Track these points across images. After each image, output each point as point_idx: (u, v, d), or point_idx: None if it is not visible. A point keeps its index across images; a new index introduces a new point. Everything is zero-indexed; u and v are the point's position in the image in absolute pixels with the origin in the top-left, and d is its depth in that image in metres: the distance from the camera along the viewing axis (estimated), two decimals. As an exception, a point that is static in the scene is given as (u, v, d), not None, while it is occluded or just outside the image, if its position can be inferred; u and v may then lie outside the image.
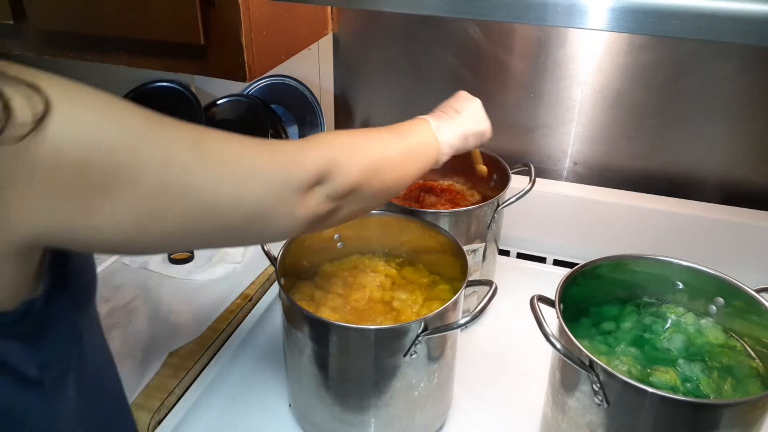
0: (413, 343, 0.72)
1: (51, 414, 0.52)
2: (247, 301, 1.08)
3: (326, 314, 0.83)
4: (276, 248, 0.84)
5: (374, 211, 0.92)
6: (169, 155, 0.46)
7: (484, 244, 1.00)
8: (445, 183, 1.15)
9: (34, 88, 0.39)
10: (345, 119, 1.38)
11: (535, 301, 0.71)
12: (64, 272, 0.51)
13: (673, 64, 1.10)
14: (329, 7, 1.23)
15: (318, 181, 0.57)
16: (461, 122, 0.79)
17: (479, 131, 0.82)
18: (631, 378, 0.65)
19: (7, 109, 0.37)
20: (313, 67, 1.33)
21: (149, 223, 0.46)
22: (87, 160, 0.41)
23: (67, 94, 0.41)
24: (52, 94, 0.40)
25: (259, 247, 0.85)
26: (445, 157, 0.76)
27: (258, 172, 0.53)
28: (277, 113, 1.33)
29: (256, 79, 1.28)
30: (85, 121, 0.42)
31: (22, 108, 0.38)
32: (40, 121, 0.38)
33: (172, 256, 1.16)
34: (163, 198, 0.46)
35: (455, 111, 0.80)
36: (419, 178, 0.83)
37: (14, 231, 0.41)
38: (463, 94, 0.84)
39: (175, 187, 0.46)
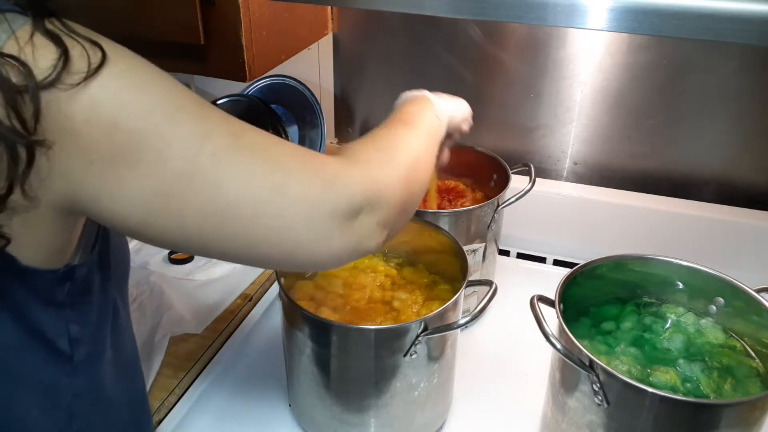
0: (413, 343, 0.72)
1: (76, 392, 0.53)
2: (247, 301, 1.08)
3: (326, 314, 0.83)
4: (276, 248, 0.84)
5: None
6: (203, 138, 0.44)
7: (484, 244, 1.00)
8: (451, 183, 1.15)
9: (95, 44, 0.41)
10: (345, 119, 1.38)
11: (535, 301, 0.71)
12: (105, 247, 0.52)
13: (673, 64, 1.10)
14: (329, 7, 1.23)
15: (365, 208, 0.51)
16: (451, 103, 0.78)
17: (463, 115, 0.81)
18: (631, 378, 0.65)
19: (66, 56, 0.39)
20: (313, 67, 1.33)
21: (167, 208, 0.44)
22: (119, 120, 0.41)
23: (123, 56, 0.42)
24: (110, 53, 0.41)
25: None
26: (444, 132, 0.74)
27: (293, 186, 0.47)
28: (277, 113, 1.33)
29: (256, 79, 1.27)
30: (131, 83, 0.42)
31: (79, 58, 0.40)
32: (94, 71, 0.40)
33: (172, 256, 1.16)
34: (186, 182, 0.44)
35: (445, 95, 0.79)
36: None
37: (53, 183, 0.41)
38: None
39: (200, 173, 0.44)
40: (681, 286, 0.81)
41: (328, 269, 0.51)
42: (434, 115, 0.71)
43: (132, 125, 0.41)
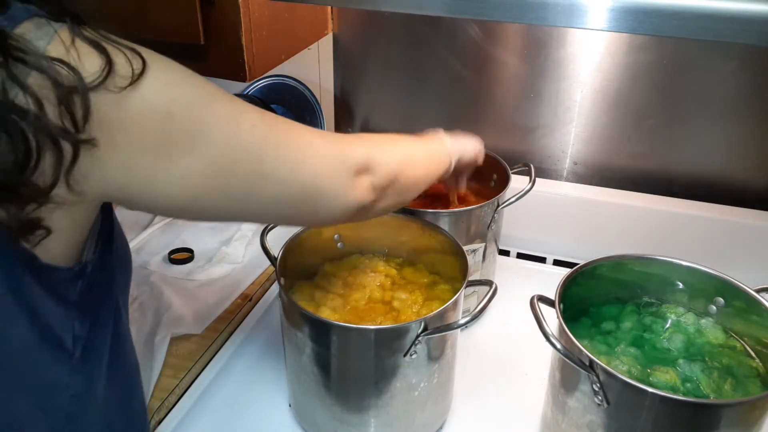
0: (413, 343, 0.72)
1: (74, 393, 0.53)
2: (247, 301, 1.08)
3: (326, 314, 0.83)
4: (276, 248, 0.84)
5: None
6: (240, 117, 0.51)
7: (484, 244, 1.00)
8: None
9: (134, 51, 0.45)
10: (345, 119, 1.38)
11: (535, 301, 0.71)
12: (108, 249, 0.55)
13: (673, 64, 1.10)
14: (329, 7, 1.23)
15: (365, 169, 0.62)
16: (464, 141, 0.88)
17: (475, 150, 0.90)
18: (631, 378, 0.65)
19: (110, 62, 0.43)
20: (313, 67, 1.33)
21: (216, 183, 0.50)
22: (171, 112, 0.46)
23: (159, 59, 0.47)
24: (147, 57, 0.46)
25: (259, 247, 0.86)
26: (452, 166, 0.83)
27: (316, 146, 0.58)
28: (277, 113, 1.33)
29: (256, 79, 1.28)
30: (172, 80, 0.48)
31: (122, 64, 0.44)
32: (139, 75, 0.44)
33: (172, 256, 1.16)
34: (233, 155, 0.51)
35: (458, 134, 0.88)
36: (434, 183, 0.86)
37: (99, 176, 0.45)
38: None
39: (242, 148, 0.51)
40: (681, 286, 0.81)
41: (340, 220, 0.65)
42: (442, 145, 0.82)
43: (183, 114, 0.47)
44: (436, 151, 0.81)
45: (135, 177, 0.47)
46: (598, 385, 0.65)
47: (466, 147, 0.87)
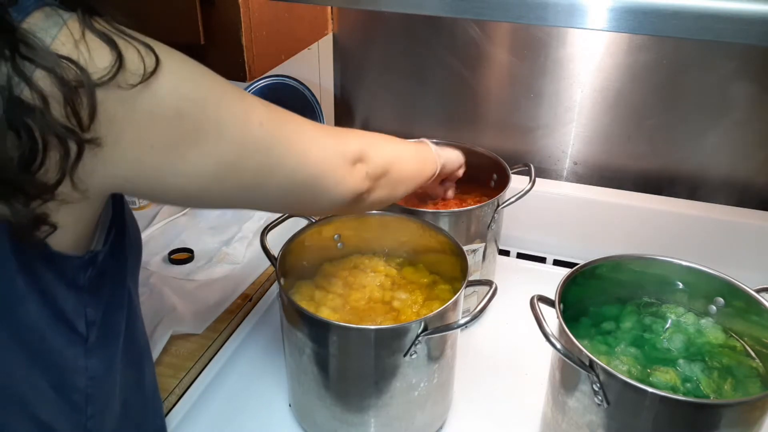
0: (413, 343, 0.72)
1: (92, 375, 0.55)
2: (247, 301, 1.08)
3: (326, 314, 0.83)
4: (276, 248, 0.84)
5: (374, 211, 0.92)
6: (249, 112, 0.53)
7: (484, 244, 1.00)
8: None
9: (147, 46, 0.44)
10: (345, 119, 1.38)
11: (535, 301, 0.71)
12: (122, 236, 0.56)
13: (673, 64, 1.10)
14: (329, 7, 1.23)
15: (360, 159, 0.65)
16: (448, 151, 0.93)
17: (459, 161, 0.95)
18: (631, 378, 0.65)
19: (120, 58, 0.42)
20: (313, 67, 1.33)
21: (227, 175, 0.52)
22: (182, 109, 0.46)
23: (172, 56, 0.47)
24: (161, 53, 0.45)
25: (259, 247, 0.86)
26: (439, 169, 0.87)
27: (318, 139, 0.60)
28: (277, 113, 1.33)
29: (256, 79, 1.28)
30: (184, 77, 0.47)
31: (134, 60, 0.43)
32: (151, 73, 0.44)
33: (172, 257, 1.16)
34: (242, 150, 0.52)
35: (445, 146, 0.93)
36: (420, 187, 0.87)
37: (105, 173, 0.45)
38: None
39: (252, 141, 0.53)
40: (681, 286, 0.81)
41: (336, 210, 0.74)
42: (428, 148, 0.87)
43: (193, 112, 0.47)
44: (425, 153, 0.86)
45: (144, 171, 0.47)
46: (598, 385, 0.65)
47: (451, 156, 0.92)
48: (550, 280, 0.78)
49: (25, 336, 0.48)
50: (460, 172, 0.98)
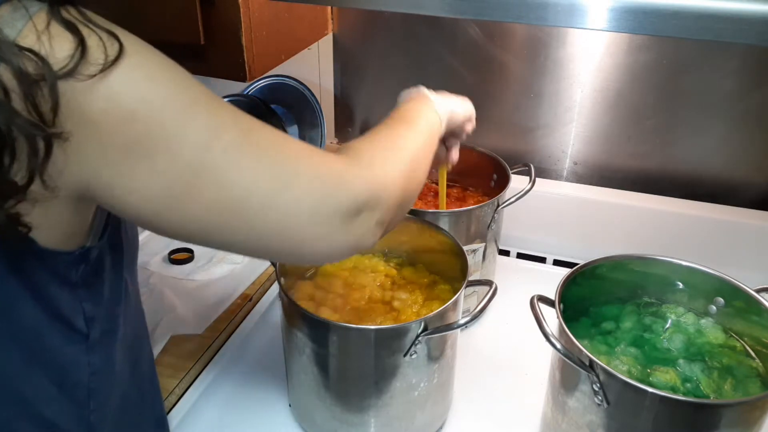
0: (413, 343, 0.72)
1: (94, 370, 0.54)
2: (247, 301, 1.08)
3: (326, 314, 0.83)
4: (276, 248, 0.84)
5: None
6: (215, 133, 0.45)
7: (484, 244, 1.00)
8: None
9: (111, 35, 0.41)
10: (345, 119, 1.38)
11: (535, 301, 0.71)
12: (117, 231, 0.54)
13: (673, 64, 1.10)
14: (329, 7, 1.23)
15: (366, 206, 0.52)
16: (452, 101, 0.79)
17: (466, 114, 0.82)
18: (631, 378, 0.65)
19: (83, 46, 0.39)
20: (313, 67, 1.33)
21: (176, 203, 0.45)
22: (137, 111, 0.41)
23: (139, 49, 0.43)
24: (127, 44, 0.41)
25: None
26: (443, 128, 0.75)
27: (301, 180, 0.48)
28: (277, 113, 1.33)
29: (256, 79, 1.27)
30: (146, 76, 0.42)
31: (96, 49, 0.40)
32: (111, 63, 0.40)
33: (172, 257, 1.16)
34: (198, 176, 0.44)
35: (447, 93, 0.80)
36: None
37: (69, 172, 0.42)
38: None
39: (212, 168, 0.44)
40: (681, 286, 0.81)
41: (328, 263, 0.55)
42: (434, 113, 0.72)
43: (149, 116, 0.42)
44: (429, 130, 0.70)
45: (100, 179, 0.43)
46: (598, 385, 0.65)
47: (455, 108, 0.78)
48: (550, 280, 0.78)
49: (23, 336, 0.48)
50: (469, 128, 0.83)
